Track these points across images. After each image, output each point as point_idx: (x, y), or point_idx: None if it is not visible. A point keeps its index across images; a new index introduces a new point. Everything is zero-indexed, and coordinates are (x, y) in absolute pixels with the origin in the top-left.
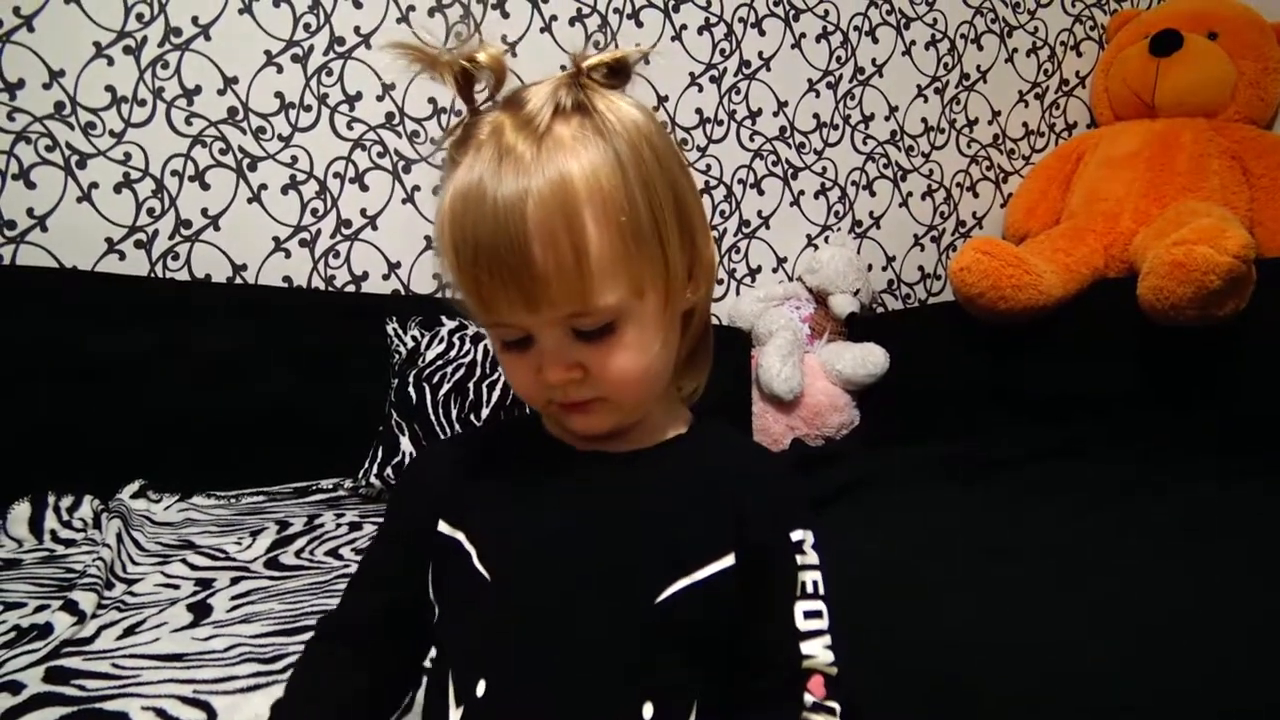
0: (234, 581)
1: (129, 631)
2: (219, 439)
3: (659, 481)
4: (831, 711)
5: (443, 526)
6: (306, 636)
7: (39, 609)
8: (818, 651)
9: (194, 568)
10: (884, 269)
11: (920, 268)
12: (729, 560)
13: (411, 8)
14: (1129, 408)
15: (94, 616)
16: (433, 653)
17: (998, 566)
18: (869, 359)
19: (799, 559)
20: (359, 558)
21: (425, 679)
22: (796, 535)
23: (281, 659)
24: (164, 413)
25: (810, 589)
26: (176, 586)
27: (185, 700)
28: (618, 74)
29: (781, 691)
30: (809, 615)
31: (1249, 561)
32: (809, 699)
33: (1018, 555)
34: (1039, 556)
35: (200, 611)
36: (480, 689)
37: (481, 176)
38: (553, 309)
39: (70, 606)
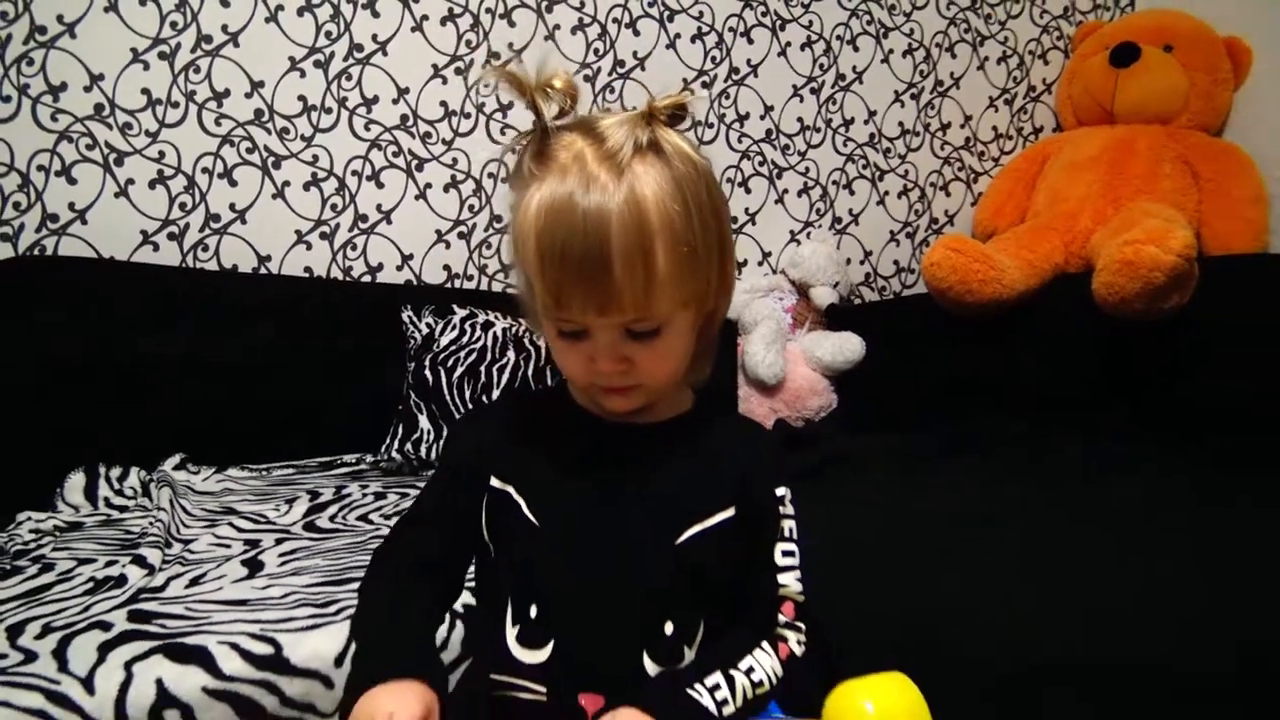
0: (278, 542)
1: (194, 582)
2: (249, 419)
3: (675, 449)
4: (799, 629)
5: (494, 481)
6: (353, 585)
7: (109, 564)
8: (790, 582)
9: (240, 530)
10: (861, 263)
11: (895, 262)
12: (731, 511)
13: (425, 17)
14: (1086, 394)
15: (161, 569)
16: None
17: (960, 540)
18: (847, 347)
19: (781, 510)
20: (389, 521)
21: (476, 606)
22: (780, 491)
23: (333, 603)
24: (200, 395)
25: (787, 534)
26: (228, 545)
27: (254, 637)
28: (678, 117)
29: (762, 612)
30: (785, 554)
31: (1192, 537)
32: (782, 619)
33: (980, 531)
34: (1001, 532)
35: (254, 566)
36: (533, 612)
37: (572, 195)
38: (620, 314)
39: (140, 560)
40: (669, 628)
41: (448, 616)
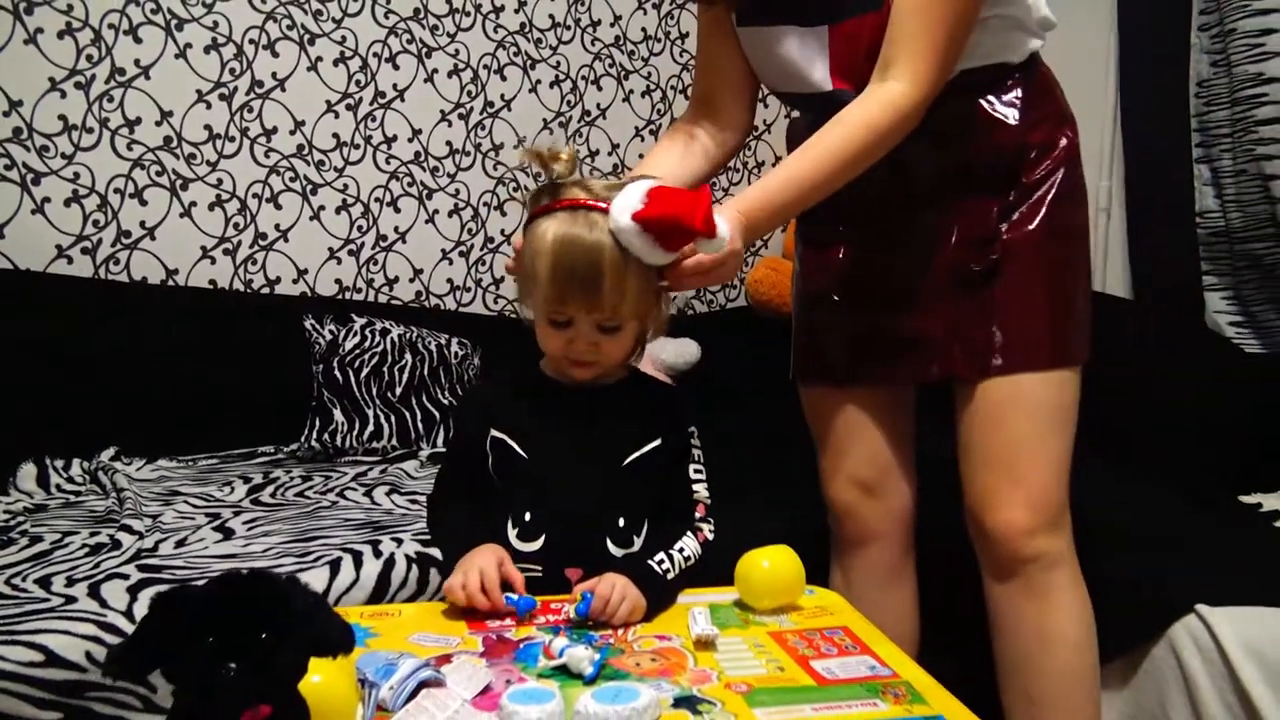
0: (235, 514)
1: (180, 544)
2: (171, 414)
3: (617, 403)
4: (710, 521)
5: (494, 432)
6: (319, 541)
7: (93, 534)
8: (701, 490)
9: (195, 507)
10: None
11: None
12: (658, 442)
13: (320, 58)
14: None
15: (146, 535)
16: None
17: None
18: (686, 350)
19: (692, 441)
20: (325, 496)
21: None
22: (690, 429)
23: (309, 554)
24: (124, 394)
25: (696, 458)
26: (192, 518)
27: None
28: None
29: (684, 512)
30: (696, 472)
31: None
32: (697, 515)
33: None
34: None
35: (225, 532)
36: (528, 516)
37: (579, 234)
38: (600, 314)
39: (127, 528)
40: (621, 522)
41: None
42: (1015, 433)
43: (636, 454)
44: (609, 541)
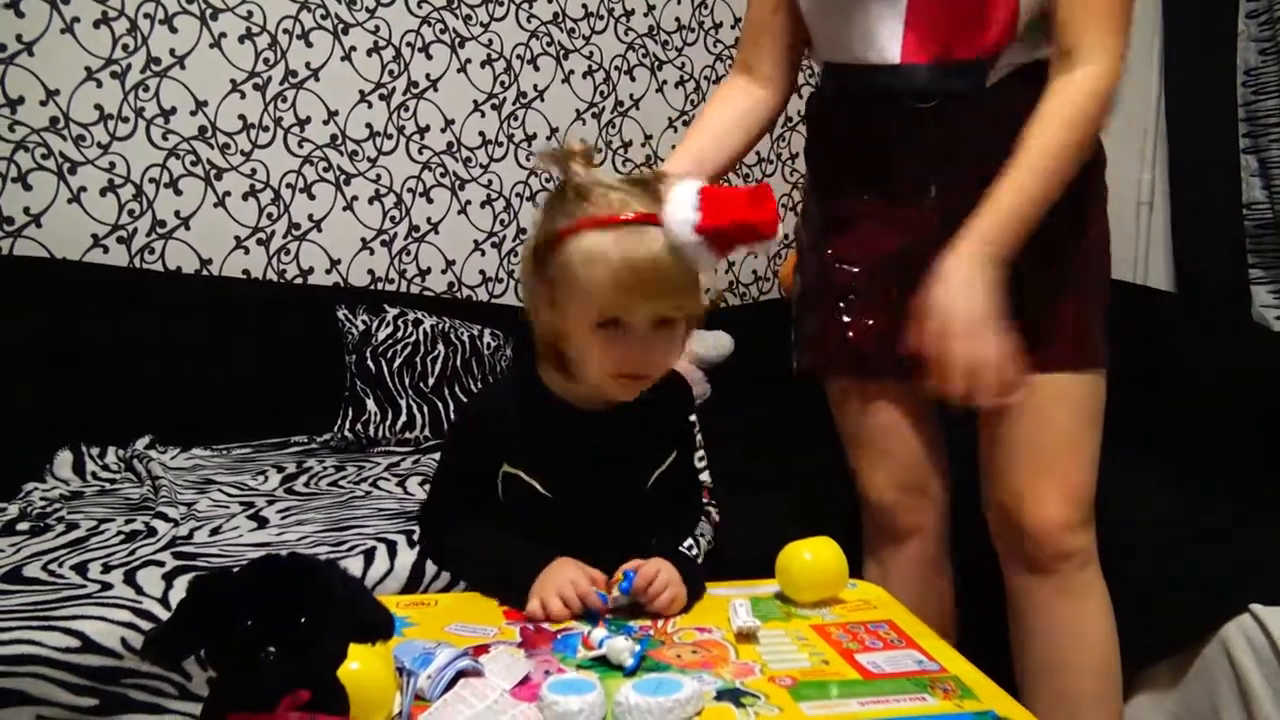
0: (269, 503)
1: (215, 532)
2: (206, 404)
3: (630, 422)
4: (715, 504)
5: (507, 468)
6: (352, 530)
7: (128, 521)
8: (706, 476)
9: (230, 495)
10: (725, 273)
11: (754, 271)
12: (674, 454)
13: (353, 48)
14: None
15: (181, 523)
16: None
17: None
18: (719, 343)
19: (693, 429)
20: (359, 486)
21: None
22: (691, 418)
23: (344, 543)
24: (160, 382)
25: (698, 444)
26: (226, 506)
27: None
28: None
29: (695, 500)
30: (699, 459)
31: None
32: (705, 499)
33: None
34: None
35: (260, 521)
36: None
37: (633, 251)
38: (659, 308)
39: (162, 516)
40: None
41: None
42: (1059, 430)
43: (656, 474)
44: None
